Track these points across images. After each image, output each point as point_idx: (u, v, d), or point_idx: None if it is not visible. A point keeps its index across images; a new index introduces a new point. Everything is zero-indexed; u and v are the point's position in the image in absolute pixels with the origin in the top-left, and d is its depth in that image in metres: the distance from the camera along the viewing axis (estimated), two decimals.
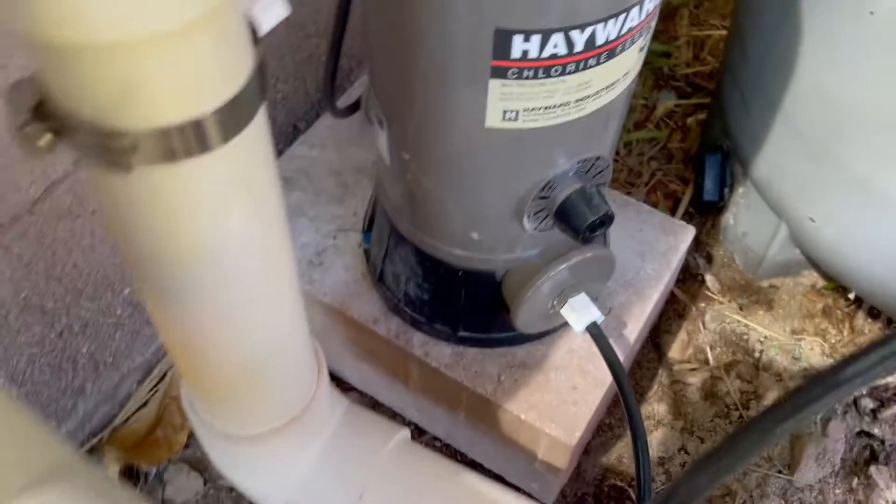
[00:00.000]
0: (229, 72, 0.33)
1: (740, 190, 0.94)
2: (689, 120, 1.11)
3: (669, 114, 1.12)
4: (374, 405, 0.91)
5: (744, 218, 0.94)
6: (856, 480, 0.83)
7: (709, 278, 0.99)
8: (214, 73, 0.32)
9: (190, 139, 0.32)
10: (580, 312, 0.67)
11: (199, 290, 0.39)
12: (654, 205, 1.04)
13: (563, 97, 0.51)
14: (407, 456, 0.60)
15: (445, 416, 0.81)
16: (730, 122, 0.92)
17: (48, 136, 0.31)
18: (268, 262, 0.42)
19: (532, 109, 0.51)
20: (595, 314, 0.67)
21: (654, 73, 1.17)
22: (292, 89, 0.93)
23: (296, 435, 0.54)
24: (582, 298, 0.67)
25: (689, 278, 0.99)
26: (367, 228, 0.79)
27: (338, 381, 0.92)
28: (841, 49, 0.69)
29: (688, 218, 1.03)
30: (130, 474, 0.84)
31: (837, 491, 0.82)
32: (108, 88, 0.29)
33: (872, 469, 0.83)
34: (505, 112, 0.51)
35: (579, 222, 0.58)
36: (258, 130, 0.37)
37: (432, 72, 0.51)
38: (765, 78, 0.81)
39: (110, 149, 0.31)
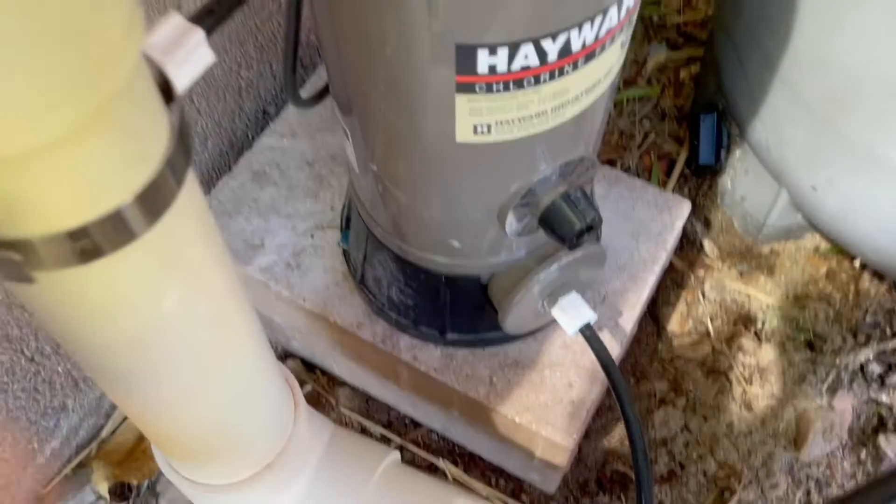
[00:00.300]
0: (141, 154, 0.28)
1: (737, 153, 0.89)
2: (682, 73, 1.05)
3: (661, 68, 1.06)
4: (367, 399, 0.88)
5: (742, 182, 0.89)
6: (864, 452, 0.80)
7: (707, 244, 0.95)
8: (121, 163, 0.27)
9: (107, 234, 0.28)
10: (571, 314, 0.63)
11: (141, 374, 0.36)
12: (648, 168, 1.00)
13: (539, 107, 0.46)
14: (396, 484, 0.57)
15: (440, 413, 0.78)
16: (724, 80, 0.87)
17: None
18: (218, 331, 0.38)
19: (505, 122, 0.46)
20: (587, 315, 0.63)
21: (643, 24, 1.11)
22: (257, 74, 0.87)
23: (274, 479, 0.51)
24: (573, 298, 0.64)
25: (686, 244, 0.95)
26: (345, 227, 0.75)
27: (328, 377, 0.89)
28: (843, 11, 0.64)
29: (683, 181, 0.98)
30: (122, 489, 0.82)
31: (846, 464, 0.80)
32: None
33: (881, 438, 0.81)
34: (476, 126, 0.46)
35: (566, 230, 0.54)
36: (188, 197, 0.33)
37: (392, 89, 0.46)
38: (760, 37, 0.75)
39: (2, 261, 0.27)
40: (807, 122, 0.73)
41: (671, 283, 0.93)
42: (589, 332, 0.64)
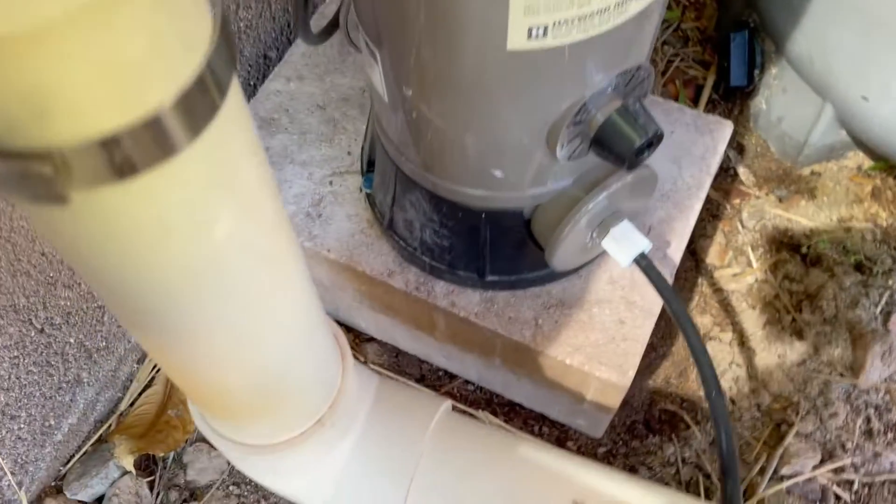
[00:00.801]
0: (183, 41, 0.23)
1: (773, 70, 0.83)
2: None
3: None
4: (397, 354, 0.84)
5: (779, 101, 0.84)
6: None
7: (742, 171, 0.90)
8: (165, 46, 0.22)
9: (147, 144, 0.23)
10: (624, 244, 0.59)
11: (189, 317, 0.31)
12: (674, 96, 0.95)
13: (602, 2, 0.41)
14: (453, 434, 0.53)
15: (478, 361, 0.74)
16: None
17: None
18: (268, 267, 0.33)
19: (564, 22, 0.41)
20: (641, 244, 0.59)
21: None
22: (256, 14, 0.81)
23: (326, 434, 0.47)
24: (625, 227, 0.59)
25: (719, 173, 0.91)
26: (367, 170, 0.70)
27: (355, 333, 0.85)
28: None
29: (712, 107, 0.93)
30: (147, 462, 0.78)
31: None
32: (11, 98, 0.20)
33: None
34: (531, 29, 0.41)
35: (624, 147, 0.49)
36: (235, 107, 0.28)
37: None
38: None
39: (31, 176, 0.22)
40: (856, 25, 0.68)
41: (706, 214, 0.89)
42: (644, 262, 0.59)
